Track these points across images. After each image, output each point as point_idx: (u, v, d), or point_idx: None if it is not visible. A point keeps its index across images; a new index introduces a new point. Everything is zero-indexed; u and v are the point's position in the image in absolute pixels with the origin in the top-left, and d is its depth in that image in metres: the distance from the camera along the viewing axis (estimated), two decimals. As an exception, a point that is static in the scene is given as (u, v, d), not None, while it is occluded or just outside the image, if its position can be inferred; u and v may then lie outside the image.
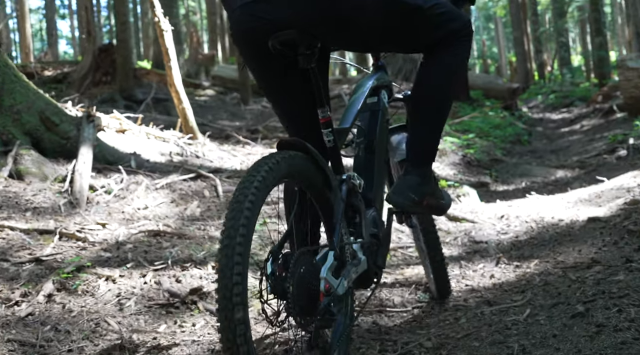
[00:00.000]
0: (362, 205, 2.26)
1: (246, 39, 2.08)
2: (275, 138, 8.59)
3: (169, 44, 6.10)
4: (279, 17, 1.97)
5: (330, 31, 2.04)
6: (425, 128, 2.28)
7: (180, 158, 5.72)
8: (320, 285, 1.89)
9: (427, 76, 2.24)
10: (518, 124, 11.77)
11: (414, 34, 2.18)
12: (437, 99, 2.26)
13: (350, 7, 1.99)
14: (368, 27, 2.07)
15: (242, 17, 2.04)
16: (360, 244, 2.20)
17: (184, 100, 6.12)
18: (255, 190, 1.70)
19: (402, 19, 2.10)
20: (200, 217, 4.33)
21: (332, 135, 2.15)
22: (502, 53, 45.23)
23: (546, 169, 7.46)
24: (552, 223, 4.64)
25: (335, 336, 2.13)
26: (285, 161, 1.85)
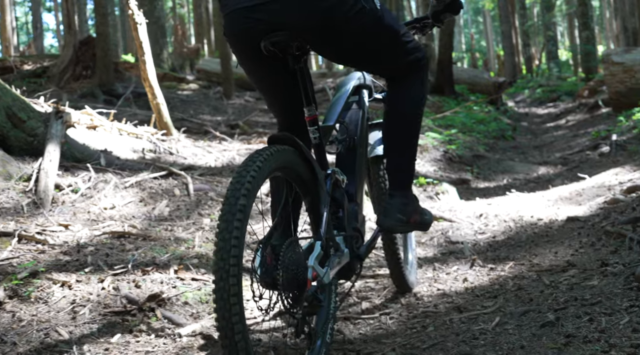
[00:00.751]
0: (344, 199, 2.38)
1: (240, 39, 2.20)
2: (255, 133, 8.46)
3: (142, 38, 5.95)
4: (272, 20, 2.09)
5: (317, 38, 2.17)
6: (402, 156, 2.45)
7: (153, 155, 5.58)
8: (307, 273, 2.00)
9: (400, 105, 2.42)
10: (503, 118, 11.69)
11: (390, 56, 2.35)
12: (411, 127, 2.44)
13: (340, 20, 2.14)
14: (351, 42, 2.22)
15: (237, 18, 2.15)
16: (343, 236, 2.34)
17: (159, 95, 5.97)
18: (249, 184, 1.80)
19: (382, 40, 2.29)
20: (169, 217, 4.20)
21: (318, 133, 2.29)
22: (491, 47, 45.20)
23: (529, 166, 7.38)
24: (530, 222, 4.55)
25: (319, 324, 2.24)
26: (276, 155, 1.94)
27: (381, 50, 2.33)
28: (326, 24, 2.14)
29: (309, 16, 2.11)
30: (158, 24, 17.60)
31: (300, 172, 2.13)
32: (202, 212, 4.32)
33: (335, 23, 2.15)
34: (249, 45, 2.19)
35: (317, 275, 2.02)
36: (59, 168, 4.58)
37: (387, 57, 2.36)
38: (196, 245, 3.71)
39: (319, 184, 2.19)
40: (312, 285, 2.00)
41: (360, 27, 2.19)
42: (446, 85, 12.27)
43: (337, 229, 2.35)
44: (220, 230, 1.76)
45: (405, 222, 2.43)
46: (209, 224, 4.07)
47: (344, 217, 2.38)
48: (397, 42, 2.34)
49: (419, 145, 7.05)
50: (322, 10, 2.11)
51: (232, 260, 1.72)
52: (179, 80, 15.67)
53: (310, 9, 2.11)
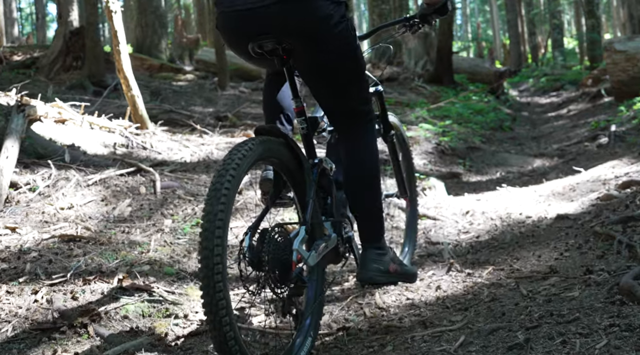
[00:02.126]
0: (332, 187, 2.49)
1: (232, 38, 2.38)
2: (243, 125, 8.17)
3: (117, 27, 5.66)
4: (260, 26, 2.24)
5: (300, 45, 2.30)
6: (368, 210, 2.49)
7: (125, 150, 5.31)
8: (292, 256, 2.13)
9: (358, 160, 2.49)
10: (503, 108, 11.35)
11: (352, 91, 2.46)
12: (372, 180, 2.49)
13: (324, 31, 2.28)
14: (327, 57, 2.33)
15: (229, 19, 2.31)
16: (332, 222, 2.46)
17: (134, 87, 5.69)
18: (234, 170, 1.94)
19: (350, 69, 2.42)
20: (129, 218, 3.93)
21: (306, 123, 2.43)
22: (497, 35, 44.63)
23: (524, 158, 7.07)
24: (518, 220, 4.27)
25: (308, 305, 2.37)
26: (260, 145, 2.09)
27: (348, 81, 2.43)
28: (311, 33, 2.27)
29: (296, 24, 2.24)
30: (156, 13, 17.29)
31: (285, 162, 2.26)
32: (165, 212, 4.05)
33: (319, 33, 2.27)
34: (239, 44, 2.36)
35: (302, 257, 2.15)
36: (18, 165, 4.32)
37: (349, 92, 2.46)
38: (151, 249, 3.44)
39: (304, 172, 2.32)
40: (297, 267, 2.13)
41: (339, 44, 2.33)
42: (445, 74, 11.94)
43: (325, 214, 2.45)
44: (205, 213, 1.91)
45: (384, 271, 2.46)
46: (169, 226, 3.80)
47: (332, 203, 2.47)
48: (361, 80, 2.49)
49: (411, 137, 6.77)
50: (310, 19, 2.25)
51: (217, 241, 1.87)
52: (176, 71, 15.38)
53: (298, 17, 2.23)
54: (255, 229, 2.14)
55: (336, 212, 2.49)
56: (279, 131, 2.24)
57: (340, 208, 2.55)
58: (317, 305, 2.39)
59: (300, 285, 2.14)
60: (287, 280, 2.13)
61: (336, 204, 2.49)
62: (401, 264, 2.60)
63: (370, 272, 2.44)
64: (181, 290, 3.03)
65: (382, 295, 3.05)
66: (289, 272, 2.13)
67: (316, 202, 2.36)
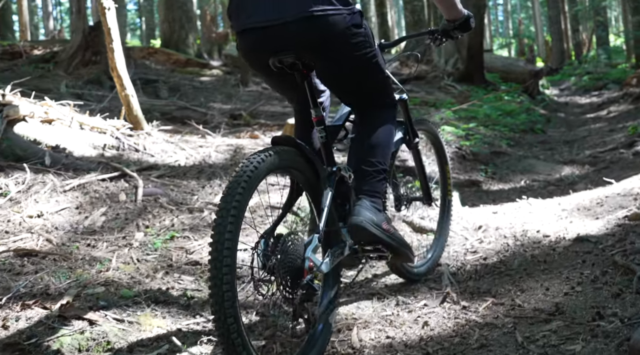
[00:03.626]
0: (351, 194, 2.51)
1: (251, 56, 2.44)
2: (257, 125, 7.82)
3: (111, 23, 5.35)
4: (280, 42, 2.29)
5: (319, 60, 2.38)
6: (369, 167, 2.52)
7: (115, 152, 4.99)
8: (304, 263, 2.16)
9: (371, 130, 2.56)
10: (537, 109, 10.77)
11: (371, 93, 2.58)
12: (380, 145, 2.55)
13: (341, 44, 2.35)
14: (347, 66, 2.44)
15: (247, 38, 2.38)
16: (347, 229, 2.47)
17: (128, 86, 5.37)
18: (246, 181, 1.99)
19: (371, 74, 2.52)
20: (99, 229, 3.60)
21: (324, 132, 2.46)
22: (539, 32, 43.47)
23: (552, 165, 6.55)
24: (533, 240, 3.81)
25: (320, 310, 2.40)
26: (275, 156, 2.14)
27: (369, 85, 2.53)
28: (329, 49, 2.33)
29: (314, 41, 2.30)
30: (183, 8, 17.11)
31: (300, 171, 2.31)
32: (141, 224, 3.70)
33: (337, 48, 2.34)
34: (259, 62, 2.41)
35: (314, 265, 2.17)
36: (-8, 168, 4.04)
37: (370, 93, 2.56)
38: (112, 267, 3.10)
39: (320, 180, 2.36)
40: (308, 274, 2.15)
41: (359, 54, 2.40)
42: (476, 73, 11.40)
43: (343, 221, 2.49)
44: (215, 224, 1.98)
45: (377, 224, 2.43)
46: (140, 240, 3.45)
47: (350, 210, 2.49)
48: (382, 80, 2.57)
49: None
50: (327, 35, 2.30)
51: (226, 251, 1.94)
52: (202, 66, 15.15)
53: (315, 34, 2.29)
54: (271, 234, 2.17)
55: None
56: (294, 141, 2.29)
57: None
58: (330, 311, 2.43)
59: (311, 292, 2.16)
60: (298, 287, 2.16)
61: (355, 211, 2.49)
62: (397, 231, 2.59)
63: (363, 218, 2.40)
64: (133, 318, 2.67)
65: (361, 331, 2.65)
66: (300, 279, 2.15)
67: (333, 209, 2.41)
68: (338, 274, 2.52)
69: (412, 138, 3.13)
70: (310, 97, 2.42)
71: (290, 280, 2.15)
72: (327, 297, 2.44)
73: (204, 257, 3.31)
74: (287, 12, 2.27)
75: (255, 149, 5.59)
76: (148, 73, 11.52)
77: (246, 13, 2.34)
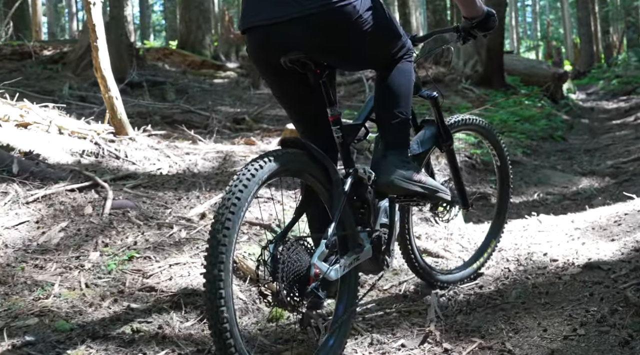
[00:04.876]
0: (370, 196, 2.43)
1: (261, 55, 2.32)
2: (259, 129, 7.48)
3: (96, 20, 5.03)
4: (288, 40, 2.19)
5: (329, 57, 2.31)
6: (392, 118, 2.45)
7: (93, 159, 4.67)
8: (310, 270, 2.10)
9: (389, 81, 2.47)
10: (559, 114, 10.27)
11: (387, 57, 2.47)
12: (400, 94, 2.47)
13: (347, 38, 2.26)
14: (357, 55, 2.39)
15: (255, 36, 2.28)
16: (367, 232, 2.42)
17: (112, 88, 5.04)
18: (243, 187, 1.96)
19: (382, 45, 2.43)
20: (54, 247, 3.27)
21: (341, 132, 2.39)
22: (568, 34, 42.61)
23: (569, 176, 6.10)
24: (538, 265, 3.40)
25: (336, 315, 2.35)
26: (278, 159, 2.08)
27: (385, 54, 2.45)
28: (339, 45, 2.26)
29: (324, 38, 2.22)
30: (200, 8, 16.88)
31: (309, 174, 2.24)
32: (101, 241, 3.36)
33: (348, 42, 2.27)
34: (269, 62, 2.30)
35: (320, 272, 2.10)
36: (-48, 176, 3.74)
37: (387, 58, 2.47)
38: (53, 293, 2.76)
39: (331, 183, 2.27)
40: (314, 281, 2.09)
41: (372, 38, 2.32)
42: (495, 76, 10.92)
43: (361, 224, 2.41)
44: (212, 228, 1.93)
45: (408, 177, 2.41)
46: (94, 261, 3.11)
47: (369, 213, 2.43)
48: (395, 42, 2.44)
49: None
50: (337, 28, 2.22)
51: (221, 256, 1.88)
52: (217, 68, 14.91)
53: (325, 29, 2.20)
54: (282, 239, 2.12)
55: (374, 222, 2.46)
56: (302, 142, 2.22)
57: (381, 218, 2.50)
58: (345, 321, 2.35)
59: (316, 300, 2.10)
60: (303, 295, 2.09)
61: (375, 213, 2.46)
62: (427, 177, 2.55)
63: (392, 175, 2.37)
64: (62, 359, 2.33)
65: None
66: (306, 286, 2.09)
67: (349, 213, 2.35)
68: (355, 281, 2.44)
69: (444, 139, 2.93)
70: (325, 96, 2.34)
71: (296, 288, 2.10)
72: (342, 306, 2.38)
73: (161, 282, 2.97)
74: (292, 8, 2.18)
75: (248, 156, 5.24)
76: (157, 75, 11.24)
77: (253, 11, 2.27)
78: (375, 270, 2.56)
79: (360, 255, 2.36)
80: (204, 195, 4.15)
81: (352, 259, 2.32)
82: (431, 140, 2.87)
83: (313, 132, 2.49)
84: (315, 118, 2.45)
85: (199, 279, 3.02)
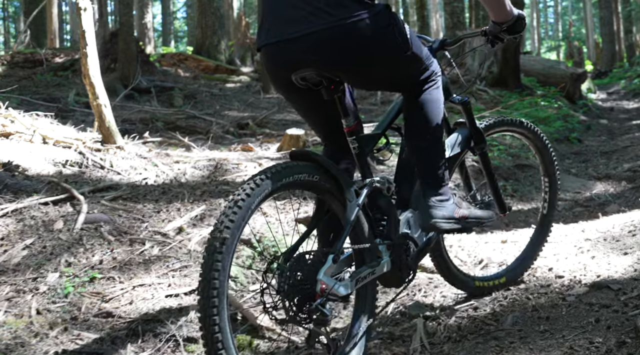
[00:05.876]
0: (390, 206, 2.37)
1: (274, 71, 2.27)
2: (262, 135, 7.24)
3: (86, 26, 4.82)
4: (299, 57, 2.14)
5: (343, 75, 2.22)
6: (425, 154, 2.39)
7: (76, 169, 4.45)
8: (316, 286, 2.03)
9: (418, 113, 2.38)
10: (576, 115, 9.88)
11: (409, 78, 2.36)
12: (429, 128, 2.38)
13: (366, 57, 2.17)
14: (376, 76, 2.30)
15: (269, 54, 2.22)
16: (387, 245, 2.34)
17: (101, 95, 4.82)
18: (234, 215, 1.88)
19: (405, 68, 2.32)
20: (13, 267, 3.04)
21: (357, 142, 2.32)
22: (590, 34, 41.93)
23: (583, 181, 5.76)
24: (542, 282, 3.11)
25: (351, 333, 2.29)
26: (282, 172, 2.03)
27: (404, 76, 2.35)
28: (351, 63, 2.16)
29: (333, 56, 2.13)
30: (216, 14, 16.74)
31: (318, 187, 2.17)
32: (64, 260, 3.12)
33: (361, 61, 2.17)
34: (282, 78, 2.24)
35: (326, 288, 2.03)
36: None
37: (407, 81, 2.37)
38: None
39: (344, 195, 2.20)
40: (320, 297, 2.02)
41: (388, 58, 2.23)
42: (510, 77, 10.56)
43: (381, 237, 2.34)
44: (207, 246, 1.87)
45: (448, 217, 2.37)
46: (51, 283, 2.87)
47: (390, 224, 2.36)
48: (417, 65, 2.33)
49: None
50: (348, 46, 2.11)
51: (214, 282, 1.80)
52: (231, 72, 14.76)
53: (335, 49, 2.11)
54: (292, 254, 2.07)
55: (395, 233, 2.37)
56: (309, 154, 2.17)
57: (402, 229, 2.42)
58: (361, 341, 2.27)
59: (321, 317, 2.02)
60: (309, 312, 2.03)
61: (395, 224, 2.38)
62: (471, 208, 2.51)
63: (431, 218, 2.34)
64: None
65: None
66: (311, 302, 2.03)
67: (366, 225, 2.28)
68: (372, 296, 2.37)
69: (477, 142, 2.83)
70: (340, 108, 2.28)
71: (301, 304, 2.03)
72: (358, 323, 2.31)
73: (121, 307, 2.73)
74: (303, 25, 2.11)
75: (241, 164, 4.99)
76: (166, 80, 11.06)
77: (266, 29, 2.22)
78: (396, 283, 2.46)
79: (377, 268, 2.29)
80: (186, 207, 3.90)
81: (367, 272, 2.24)
82: (463, 144, 2.77)
83: (333, 140, 2.46)
84: (334, 128, 2.39)
85: (162, 302, 2.78)
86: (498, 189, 3.05)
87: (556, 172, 3.30)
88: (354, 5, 2.09)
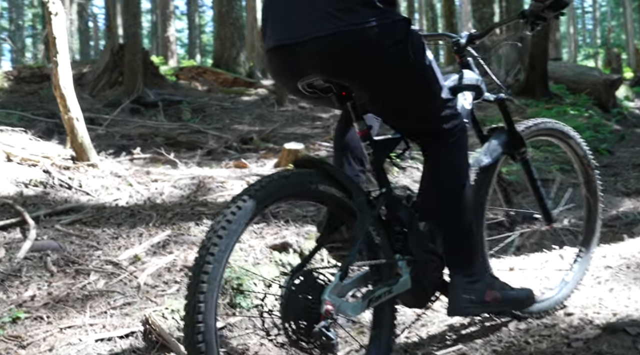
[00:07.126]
0: (411, 218, 2.16)
1: (280, 78, 2.18)
2: (266, 149, 6.84)
3: (57, 32, 4.48)
4: (305, 64, 1.97)
5: (352, 85, 2.03)
6: (451, 230, 2.18)
7: (40, 190, 4.09)
8: (321, 307, 1.82)
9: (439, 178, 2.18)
10: (609, 125, 9.26)
11: (422, 115, 2.14)
12: (455, 198, 2.17)
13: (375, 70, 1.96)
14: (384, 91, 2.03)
15: (274, 59, 2.07)
16: (407, 260, 2.13)
17: (72, 108, 4.46)
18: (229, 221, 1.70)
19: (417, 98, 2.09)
20: None
21: (372, 148, 2.13)
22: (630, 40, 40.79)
23: (609, 197, 5.19)
24: (546, 322, 2.65)
25: None
26: (274, 183, 1.83)
27: (417, 106, 2.11)
28: (361, 71, 1.96)
29: (340, 62, 1.95)
30: (236, 25, 16.50)
31: (324, 195, 1.97)
32: (-6, 295, 2.74)
33: (370, 69, 1.95)
34: (289, 84, 2.11)
35: (332, 309, 1.82)
36: None
37: (422, 115, 2.14)
38: None
39: (355, 206, 2.00)
40: (324, 320, 1.80)
41: (399, 73, 2.00)
42: (538, 85, 9.97)
43: (400, 252, 2.13)
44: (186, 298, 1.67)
45: (477, 302, 2.17)
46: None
47: (411, 238, 2.14)
48: (434, 99, 2.10)
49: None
50: (355, 55, 1.93)
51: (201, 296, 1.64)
52: (249, 85, 14.46)
53: (343, 55, 1.93)
54: (299, 271, 1.90)
55: (417, 248, 2.14)
56: (314, 161, 2.01)
57: (425, 243, 2.16)
58: None
59: (325, 342, 1.78)
60: (311, 335, 1.80)
61: (417, 238, 2.14)
62: (504, 289, 2.28)
63: (459, 304, 2.15)
64: None
65: None
66: (314, 325, 1.80)
67: (383, 239, 2.07)
68: (391, 317, 2.13)
69: (517, 147, 2.61)
70: (352, 112, 2.09)
71: (303, 327, 1.82)
72: (374, 349, 2.09)
73: (38, 354, 2.32)
74: (306, 29, 1.94)
75: (226, 182, 4.57)
76: (176, 93, 10.76)
77: (269, 32, 2.06)
78: (419, 304, 2.24)
79: (395, 287, 2.07)
80: (150, 232, 3.49)
81: (383, 291, 2.02)
82: (501, 149, 2.54)
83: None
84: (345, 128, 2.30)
85: (90, 348, 2.37)
86: (543, 198, 2.87)
87: (598, 192, 3.15)
88: (366, 10, 1.91)
